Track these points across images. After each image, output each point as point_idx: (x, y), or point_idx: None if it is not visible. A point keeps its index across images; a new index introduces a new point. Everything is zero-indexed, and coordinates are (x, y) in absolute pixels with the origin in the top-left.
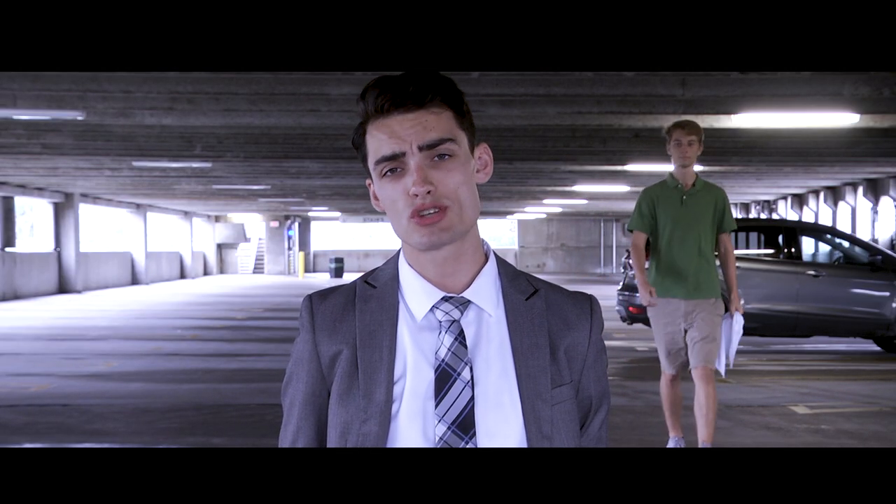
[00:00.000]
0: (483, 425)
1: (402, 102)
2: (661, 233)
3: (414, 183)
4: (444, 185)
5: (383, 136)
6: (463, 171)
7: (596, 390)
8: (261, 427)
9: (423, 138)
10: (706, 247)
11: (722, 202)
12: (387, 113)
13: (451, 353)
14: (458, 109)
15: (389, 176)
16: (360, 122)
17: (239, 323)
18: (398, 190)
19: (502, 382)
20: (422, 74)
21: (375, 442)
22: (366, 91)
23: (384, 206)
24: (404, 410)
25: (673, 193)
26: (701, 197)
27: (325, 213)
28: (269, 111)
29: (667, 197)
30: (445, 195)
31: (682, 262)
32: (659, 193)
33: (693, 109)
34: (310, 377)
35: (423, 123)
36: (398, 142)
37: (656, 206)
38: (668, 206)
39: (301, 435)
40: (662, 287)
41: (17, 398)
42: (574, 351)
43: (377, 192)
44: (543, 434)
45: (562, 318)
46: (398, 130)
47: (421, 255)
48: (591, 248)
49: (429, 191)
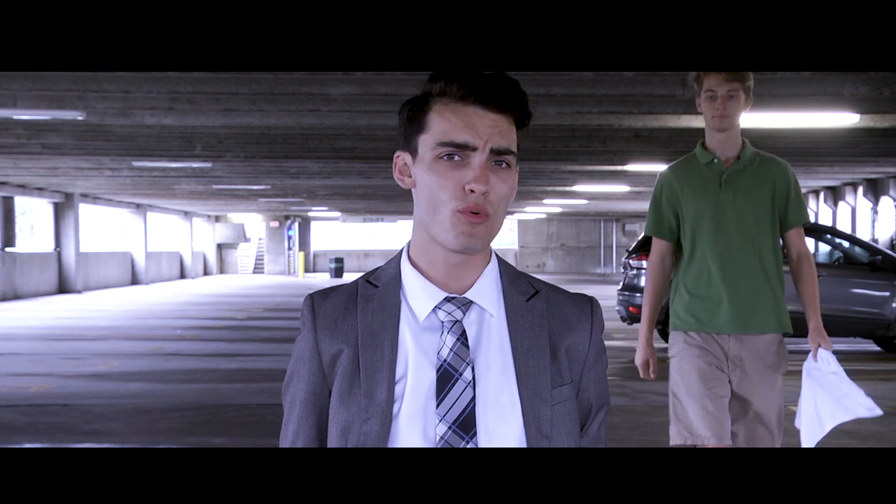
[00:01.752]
0: (483, 425)
1: (488, 100)
2: (689, 235)
3: (476, 180)
4: (496, 192)
5: (459, 121)
6: (511, 186)
7: (596, 391)
8: (261, 427)
9: (498, 142)
10: (765, 252)
11: (785, 182)
12: (467, 102)
13: (453, 354)
14: (522, 124)
15: (447, 161)
16: (424, 94)
17: (239, 323)
18: (451, 179)
19: (502, 382)
20: (508, 80)
21: (376, 441)
22: (446, 73)
23: (420, 188)
24: (405, 410)
25: (705, 173)
26: (752, 176)
27: (325, 213)
28: (269, 111)
29: (696, 179)
30: (493, 202)
31: (725, 278)
32: (683, 175)
33: (693, 109)
34: (311, 376)
35: (499, 127)
36: (474, 134)
37: (680, 193)
38: (699, 194)
39: (301, 434)
40: (693, 321)
41: (17, 398)
42: (574, 351)
43: (420, 171)
44: (543, 434)
45: (562, 318)
46: (476, 123)
47: (433, 253)
48: (591, 248)
49: (485, 192)
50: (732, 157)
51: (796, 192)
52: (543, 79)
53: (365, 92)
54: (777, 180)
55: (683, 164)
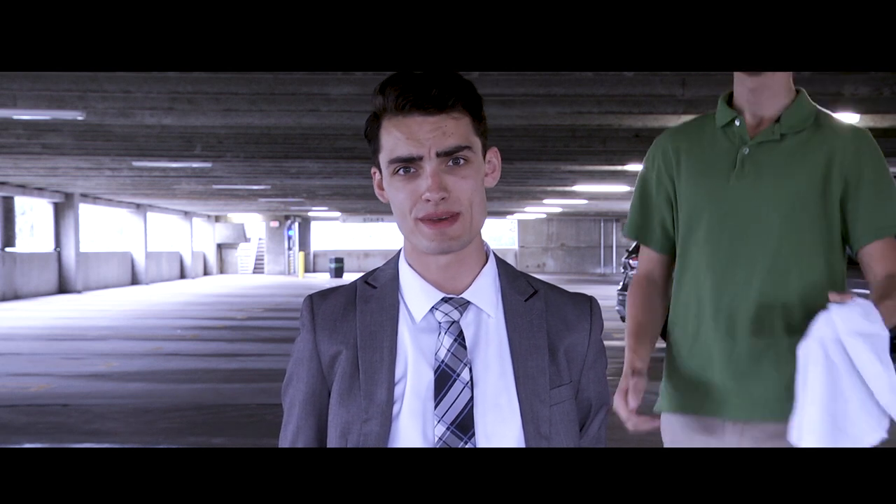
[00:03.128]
0: (482, 426)
1: (424, 105)
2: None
3: (429, 189)
4: (458, 191)
5: (401, 135)
6: (476, 178)
7: (595, 391)
8: (261, 427)
9: (442, 144)
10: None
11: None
12: (406, 112)
13: (450, 354)
14: (477, 115)
15: (402, 175)
16: (375, 113)
17: (239, 323)
18: (409, 191)
19: (501, 383)
20: (444, 76)
21: (376, 442)
22: (385, 86)
23: (391, 203)
24: (405, 411)
25: (718, 143)
26: (793, 150)
27: (325, 213)
28: (269, 111)
29: (703, 150)
30: (458, 201)
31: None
32: (687, 142)
33: (693, 109)
34: (310, 377)
35: (442, 129)
36: (416, 145)
37: (675, 172)
38: (699, 175)
39: (301, 435)
40: (672, 395)
41: (17, 398)
42: (574, 352)
43: (386, 188)
44: (541, 434)
45: (561, 318)
46: (417, 132)
47: (424, 257)
48: (591, 248)
49: (443, 197)
50: (768, 118)
51: (878, 175)
52: (543, 79)
53: (365, 92)
54: (837, 157)
55: (691, 127)
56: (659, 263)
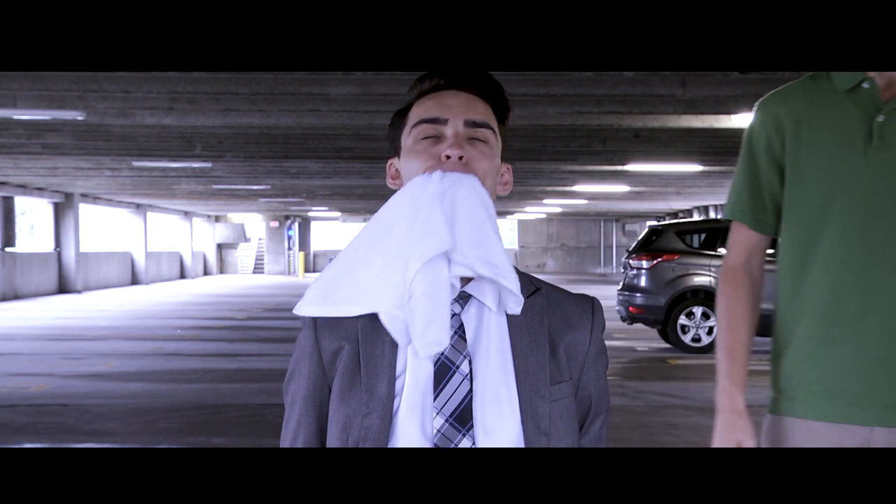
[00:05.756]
0: (480, 419)
1: (462, 84)
2: (807, 224)
3: (451, 146)
4: (475, 161)
5: (433, 103)
6: (492, 164)
7: (596, 389)
8: (261, 427)
9: (469, 114)
10: None
11: None
12: (441, 89)
13: (450, 346)
14: (501, 117)
15: (425, 141)
16: (406, 103)
17: (239, 323)
18: (431, 154)
19: (501, 378)
20: (485, 72)
21: (377, 435)
22: (422, 77)
23: (404, 179)
24: (405, 404)
25: (844, 109)
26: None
27: (325, 213)
28: (269, 111)
29: (826, 117)
30: (473, 170)
31: (871, 313)
32: (803, 108)
33: (693, 109)
34: (311, 373)
35: (472, 102)
36: (445, 109)
37: (793, 142)
38: (827, 146)
39: (302, 430)
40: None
41: (17, 398)
42: (574, 349)
43: (404, 162)
44: (541, 430)
45: (563, 316)
46: (447, 101)
47: None
48: (591, 248)
49: (461, 157)
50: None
51: None
52: (543, 79)
53: (365, 92)
54: None
55: (802, 90)
56: (760, 249)
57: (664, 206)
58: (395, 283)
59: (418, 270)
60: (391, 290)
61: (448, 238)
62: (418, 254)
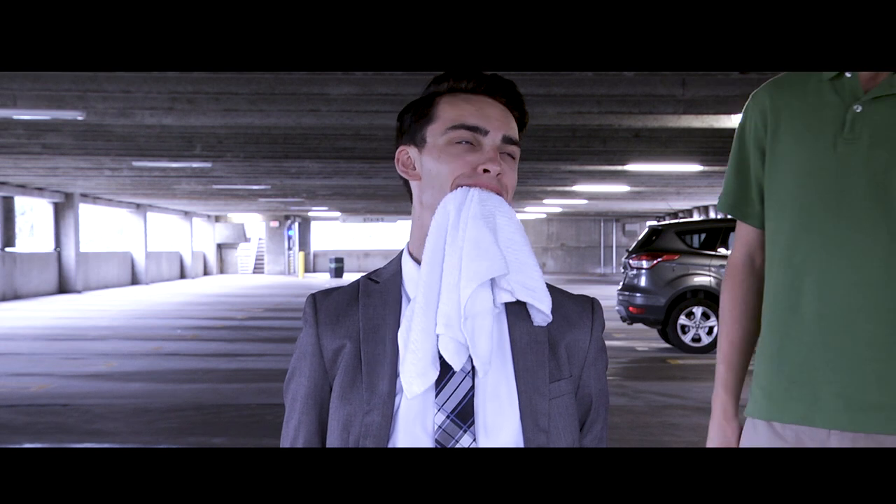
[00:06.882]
0: (481, 415)
1: (497, 92)
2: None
3: (491, 160)
4: (507, 177)
5: (472, 108)
6: (516, 179)
7: (596, 388)
8: (261, 427)
9: (508, 129)
10: None
11: None
12: (476, 92)
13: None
14: (522, 129)
15: (459, 146)
16: (430, 93)
17: (239, 323)
18: (466, 161)
19: (501, 375)
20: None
21: (378, 433)
22: (450, 72)
23: (427, 177)
24: (405, 402)
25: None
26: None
27: (325, 213)
28: (269, 111)
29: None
30: (505, 187)
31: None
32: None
33: (693, 109)
34: (312, 372)
35: (507, 117)
36: (486, 119)
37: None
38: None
39: (303, 429)
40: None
41: (17, 398)
42: (575, 347)
43: (429, 159)
44: (540, 427)
45: (563, 315)
46: (487, 110)
47: None
48: (591, 248)
49: (499, 173)
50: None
51: None
52: (543, 79)
53: (365, 92)
54: None
55: (796, 79)
56: (759, 243)
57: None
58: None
59: (472, 292)
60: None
61: (502, 263)
62: (472, 275)
